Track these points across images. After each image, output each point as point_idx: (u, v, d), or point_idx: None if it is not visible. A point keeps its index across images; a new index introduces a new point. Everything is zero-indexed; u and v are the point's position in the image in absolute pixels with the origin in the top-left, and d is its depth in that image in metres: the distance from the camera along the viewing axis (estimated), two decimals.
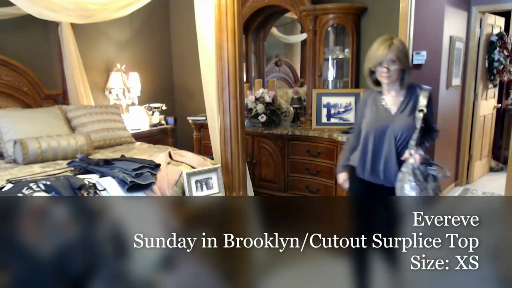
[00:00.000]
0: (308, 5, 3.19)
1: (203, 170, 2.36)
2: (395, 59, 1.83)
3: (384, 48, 1.83)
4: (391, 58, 1.82)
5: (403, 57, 1.85)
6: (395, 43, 1.84)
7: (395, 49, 1.82)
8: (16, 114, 2.93)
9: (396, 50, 1.82)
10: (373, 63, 1.87)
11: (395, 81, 1.89)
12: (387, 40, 1.85)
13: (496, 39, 4.64)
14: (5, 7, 3.03)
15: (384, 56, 1.82)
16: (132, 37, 4.34)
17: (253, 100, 3.47)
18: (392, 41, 1.84)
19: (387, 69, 1.84)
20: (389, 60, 1.83)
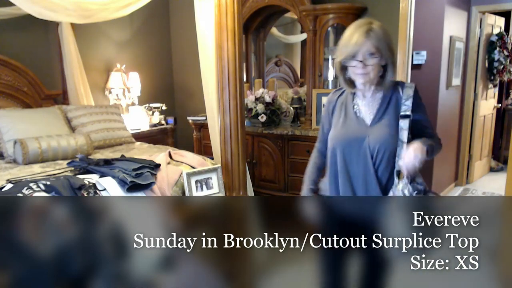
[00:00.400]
0: (308, 5, 3.19)
1: (203, 170, 2.36)
2: (374, 51, 1.38)
3: (359, 36, 1.37)
4: (368, 49, 1.38)
5: (384, 48, 1.39)
6: (375, 29, 1.38)
7: (374, 37, 1.37)
8: (16, 114, 2.93)
9: (376, 39, 1.37)
10: (345, 55, 1.41)
11: (373, 80, 1.44)
12: (364, 25, 1.39)
13: (496, 39, 4.64)
14: (5, 7, 3.02)
15: (360, 46, 1.37)
16: (132, 37, 4.34)
17: (253, 100, 3.47)
18: (370, 26, 1.38)
19: (363, 64, 1.39)
20: (366, 52, 1.38)
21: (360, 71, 1.41)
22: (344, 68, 1.47)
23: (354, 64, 1.41)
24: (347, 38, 1.41)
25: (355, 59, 1.40)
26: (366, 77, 1.42)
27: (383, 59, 1.41)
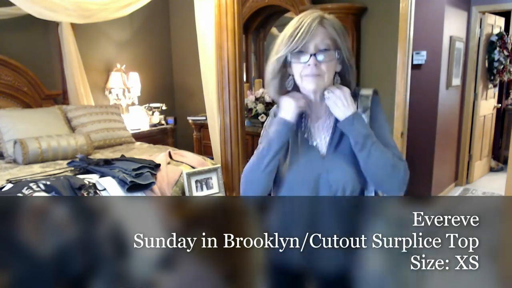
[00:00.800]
0: (308, 5, 3.19)
1: (203, 170, 2.36)
2: (329, 44, 1.04)
3: (311, 22, 1.02)
4: (323, 40, 1.03)
5: (342, 41, 1.06)
6: (329, 18, 1.06)
7: (330, 25, 1.04)
8: (16, 114, 2.93)
9: (332, 28, 1.04)
10: (289, 48, 1.03)
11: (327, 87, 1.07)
12: (315, 13, 1.06)
13: (496, 39, 4.64)
14: (5, 7, 3.03)
15: (312, 35, 1.02)
16: (132, 37, 4.34)
17: (253, 100, 3.47)
18: (323, 14, 1.06)
19: (315, 59, 1.03)
20: (320, 44, 1.03)
21: (310, 71, 1.03)
22: (285, 69, 1.10)
23: (303, 59, 1.03)
24: (294, 26, 1.03)
25: (304, 53, 1.03)
26: (318, 80, 1.04)
27: (340, 59, 1.07)
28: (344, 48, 1.07)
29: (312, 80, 1.05)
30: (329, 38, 1.05)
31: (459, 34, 4.19)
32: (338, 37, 1.05)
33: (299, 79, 1.08)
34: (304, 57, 1.04)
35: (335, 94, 1.06)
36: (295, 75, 1.08)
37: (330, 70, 1.07)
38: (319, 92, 1.09)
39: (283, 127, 1.07)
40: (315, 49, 1.03)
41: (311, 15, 1.04)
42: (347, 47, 1.08)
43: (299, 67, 1.06)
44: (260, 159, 1.11)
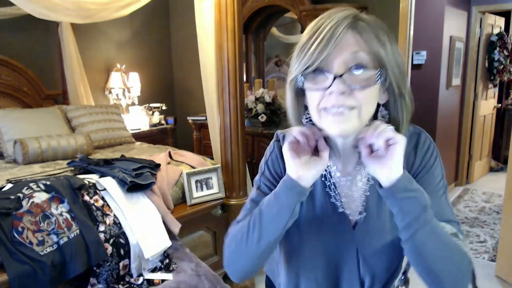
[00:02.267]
0: (308, 5, 3.19)
1: (203, 170, 2.36)
2: (367, 61, 0.65)
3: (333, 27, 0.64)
4: (355, 52, 0.65)
5: (390, 56, 0.67)
6: (366, 20, 0.67)
7: (368, 30, 0.66)
8: (16, 114, 2.93)
9: (371, 35, 0.66)
10: (303, 65, 0.66)
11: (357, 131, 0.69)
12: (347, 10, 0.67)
13: (496, 39, 4.64)
14: (5, 7, 3.02)
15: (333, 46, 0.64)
16: (132, 37, 4.34)
17: (253, 100, 3.47)
18: (357, 14, 0.67)
19: (342, 86, 0.64)
20: (349, 59, 0.65)
21: (333, 102, 0.65)
22: (301, 98, 0.73)
23: (322, 83, 0.66)
24: (311, 31, 0.66)
25: (325, 72, 0.65)
26: (350, 119, 0.66)
27: (387, 83, 0.68)
28: (393, 66, 0.66)
29: (336, 119, 0.65)
30: (368, 50, 0.65)
31: (459, 34, 4.19)
32: (382, 49, 0.65)
33: (316, 114, 0.68)
34: (323, 80, 0.65)
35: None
36: (310, 108, 0.70)
37: (369, 102, 0.66)
38: (352, 137, 0.70)
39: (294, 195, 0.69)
40: (342, 67, 0.64)
41: (339, 14, 0.66)
42: (398, 65, 0.67)
43: (316, 96, 0.67)
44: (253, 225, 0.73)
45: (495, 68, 4.69)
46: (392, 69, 0.67)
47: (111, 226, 1.78)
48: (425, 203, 0.66)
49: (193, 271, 1.89)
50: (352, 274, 0.78)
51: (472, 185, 4.73)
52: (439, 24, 3.80)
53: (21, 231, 1.55)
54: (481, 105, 4.69)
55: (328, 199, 0.78)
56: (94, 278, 1.68)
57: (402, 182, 0.65)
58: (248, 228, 0.73)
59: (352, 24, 0.65)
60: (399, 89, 0.68)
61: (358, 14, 0.68)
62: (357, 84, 0.64)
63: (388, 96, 0.70)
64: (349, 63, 0.65)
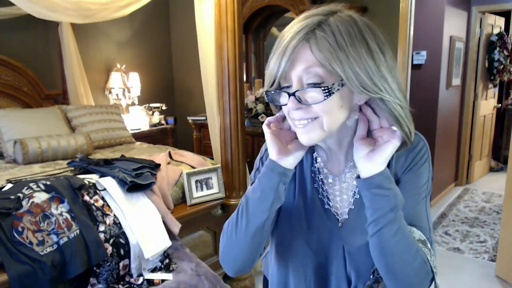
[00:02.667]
0: (308, 5, 3.19)
1: (203, 170, 2.36)
2: (321, 75, 0.64)
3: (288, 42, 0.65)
4: (309, 67, 0.64)
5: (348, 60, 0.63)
6: (332, 23, 0.64)
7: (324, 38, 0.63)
8: (16, 114, 2.93)
9: (327, 44, 0.63)
10: (267, 81, 0.70)
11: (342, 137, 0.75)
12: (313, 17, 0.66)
13: (496, 39, 4.64)
14: (5, 7, 3.03)
15: (288, 63, 0.65)
16: (132, 37, 4.34)
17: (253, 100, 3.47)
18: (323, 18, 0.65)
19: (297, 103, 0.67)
20: (303, 75, 0.66)
21: (297, 115, 0.68)
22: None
23: (282, 99, 0.69)
24: (275, 44, 0.69)
25: (283, 90, 0.68)
26: (313, 129, 0.68)
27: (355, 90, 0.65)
28: (356, 72, 0.63)
29: (302, 131, 0.69)
30: (320, 63, 0.64)
31: (459, 34, 4.20)
32: (337, 60, 0.62)
33: (290, 122, 0.72)
34: (282, 97, 0.68)
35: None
36: (288, 119, 0.72)
37: (331, 111, 0.66)
38: (334, 138, 0.74)
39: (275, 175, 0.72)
40: (298, 83, 0.66)
41: (298, 24, 0.66)
42: (364, 69, 0.63)
43: (284, 109, 0.71)
44: (241, 213, 0.76)
45: (495, 68, 4.69)
46: (348, 77, 0.63)
47: (111, 226, 1.78)
48: (396, 204, 0.68)
49: (193, 271, 1.89)
50: (339, 271, 0.79)
51: (472, 185, 4.73)
52: (439, 24, 3.80)
53: (21, 231, 1.55)
54: (481, 105, 4.69)
55: (317, 195, 0.81)
56: (94, 278, 1.68)
57: (379, 178, 0.68)
58: (236, 217, 0.76)
59: (306, 35, 0.64)
60: (370, 93, 0.65)
61: (321, 20, 0.65)
62: (310, 100, 0.66)
63: (365, 97, 0.69)
64: (303, 79, 0.66)
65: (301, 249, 0.80)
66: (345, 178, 0.79)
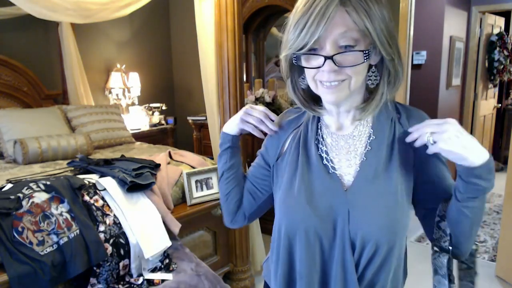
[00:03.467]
0: None
1: (203, 170, 2.36)
2: (356, 37, 0.70)
3: (323, 7, 0.68)
4: (344, 32, 0.69)
5: (377, 27, 0.70)
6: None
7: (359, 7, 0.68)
8: (16, 114, 2.93)
9: (362, 11, 0.68)
10: (295, 45, 0.72)
11: (353, 98, 0.79)
12: None
13: (496, 39, 4.64)
14: (5, 7, 3.03)
15: (324, 27, 0.68)
16: (132, 37, 4.34)
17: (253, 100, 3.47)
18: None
19: (333, 66, 0.71)
20: (339, 39, 0.69)
21: (327, 78, 0.72)
22: (296, 70, 0.82)
23: (314, 62, 0.73)
24: (301, 10, 0.70)
25: (316, 53, 0.71)
26: (340, 90, 0.73)
27: (376, 53, 0.74)
28: (381, 35, 0.70)
29: (330, 90, 0.74)
30: (356, 29, 0.69)
31: (459, 34, 4.20)
32: (371, 24, 0.69)
33: (312, 83, 0.76)
34: (315, 60, 0.72)
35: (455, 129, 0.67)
36: (307, 78, 0.78)
37: (358, 73, 0.72)
38: (343, 104, 0.79)
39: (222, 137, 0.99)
40: (333, 47, 0.69)
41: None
42: (387, 31, 0.71)
43: (311, 71, 0.75)
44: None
45: (495, 68, 4.70)
46: (380, 39, 0.71)
47: (111, 226, 1.78)
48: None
49: (193, 271, 1.89)
50: (344, 235, 0.77)
51: None
52: (439, 24, 3.80)
53: (21, 231, 1.55)
54: (481, 105, 4.70)
55: (321, 161, 0.82)
56: (94, 278, 1.68)
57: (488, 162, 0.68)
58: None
59: (341, 1, 0.68)
60: (388, 55, 0.74)
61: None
62: (346, 63, 0.71)
63: (379, 58, 0.76)
64: (339, 43, 0.70)
65: (306, 216, 0.79)
66: (352, 141, 0.81)
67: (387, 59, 0.74)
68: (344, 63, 0.71)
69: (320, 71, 0.73)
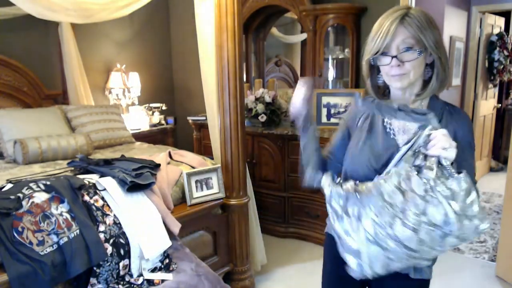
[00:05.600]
0: (308, 5, 3.19)
1: (203, 170, 2.36)
2: (412, 43, 1.07)
3: (391, 22, 1.07)
4: (404, 40, 1.07)
5: (427, 36, 1.07)
6: (413, 14, 1.08)
7: (412, 23, 1.06)
8: (16, 114, 2.93)
9: (415, 26, 1.06)
10: (373, 51, 1.10)
11: (414, 85, 1.14)
12: (399, 10, 1.09)
13: (496, 39, 4.64)
14: (5, 7, 3.03)
15: (392, 36, 1.06)
16: (132, 37, 4.34)
17: (253, 100, 3.47)
18: (406, 11, 1.08)
19: (398, 60, 1.08)
20: (401, 44, 1.07)
21: (394, 71, 1.10)
22: (373, 70, 1.20)
23: (386, 61, 1.10)
24: (376, 29, 1.10)
25: (387, 55, 1.09)
26: (404, 79, 1.10)
27: (428, 55, 1.10)
28: (430, 42, 1.07)
29: (397, 79, 1.12)
30: (412, 37, 1.07)
31: (459, 34, 4.20)
32: (421, 34, 1.07)
33: (387, 78, 1.15)
34: (386, 59, 1.11)
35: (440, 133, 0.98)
36: (383, 75, 1.16)
37: (416, 67, 1.10)
38: (407, 88, 1.14)
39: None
40: (396, 50, 1.08)
41: (393, 15, 1.09)
42: (434, 40, 1.08)
43: (385, 68, 1.13)
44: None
45: (495, 68, 4.70)
46: (430, 45, 1.08)
47: (111, 226, 1.78)
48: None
49: (193, 271, 1.89)
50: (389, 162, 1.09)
51: None
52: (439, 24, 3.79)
53: (21, 231, 1.55)
54: (481, 105, 4.69)
55: (384, 129, 1.18)
56: (94, 278, 1.68)
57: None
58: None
59: (401, 21, 1.07)
60: (437, 55, 1.10)
61: (407, 11, 1.08)
62: (406, 59, 1.08)
63: (433, 58, 1.12)
64: (400, 46, 1.08)
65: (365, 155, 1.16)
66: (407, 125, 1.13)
67: (436, 59, 1.10)
68: (404, 59, 1.08)
69: (390, 67, 1.10)
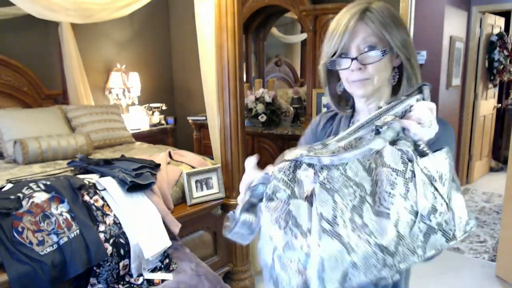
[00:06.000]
0: (308, 5, 3.19)
1: (203, 170, 2.36)
2: (375, 41, 0.87)
3: (350, 19, 0.87)
4: (365, 38, 0.87)
5: (392, 34, 0.86)
6: (375, 9, 0.87)
7: (374, 19, 0.86)
8: (16, 114, 2.93)
9: (378, 22, 0.86)
10: (330, 53, 0.91)
11: (381, 92, 0.93)
12: (359, 5, 0.89)
13: (496, 39, 4.64)
14: (5, 7, 3.03)
15: (351, 34, 0.86)
16: (132, 37, 4.34)
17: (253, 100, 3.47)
18: (367, 6, 0.88)
19: (359, 63, 0.87)
20: (362, 44, 0.87)
21: (356, 76, 0.89)
22: (332, 76, 0.98)
23: (346, 64, 0.89)
24: (332, 27, 0.90)
25: (346, 57, 0.88)
26: (367, 85, 0.89)
27: (394, 57, 0.90)
28: (395, 41, 0.87)
29: (359, 86, 0.90)
30: (374, 35, 0.86)
31: (459, 34, 4.20)
32: (385, 32, 0.86)
33: (347, 85, 0.94)
34: (345, 62, 0.89)
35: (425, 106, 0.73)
36: (343, 80, 0.95)
37: (381, 70, 0.88)
38: (371, 97, 0.94)
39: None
40: (356, 51, 0.87)
41: (351, 10, 0.88)
42: (401, 39, 0.87)
43: (345, 73, 0.92)
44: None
45: (495, 68, 4.69)
46: (396, 44, 0.87)
47: (111, 226, 1.78)
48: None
49: (193, 271, 1.89)
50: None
51: (472, 185, 4.73)
52: (439, 24, 3.80)
53: (21, 231, 1.55)
54: (481, 105, 4.69)
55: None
56: (94, 278, 1.68)
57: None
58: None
59: (360, 16, 0.87)
60: (405, 56, 0.89)
61: (368, 6, 0.88)
62: (368, 61, 0.87)
63: (400, 61, 0.91)
64: (361, 46, 0.87)
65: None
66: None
67: (404, 60, 0.89)
68: (366, 61, 0.87)
69: (350, 72, 0.89)
